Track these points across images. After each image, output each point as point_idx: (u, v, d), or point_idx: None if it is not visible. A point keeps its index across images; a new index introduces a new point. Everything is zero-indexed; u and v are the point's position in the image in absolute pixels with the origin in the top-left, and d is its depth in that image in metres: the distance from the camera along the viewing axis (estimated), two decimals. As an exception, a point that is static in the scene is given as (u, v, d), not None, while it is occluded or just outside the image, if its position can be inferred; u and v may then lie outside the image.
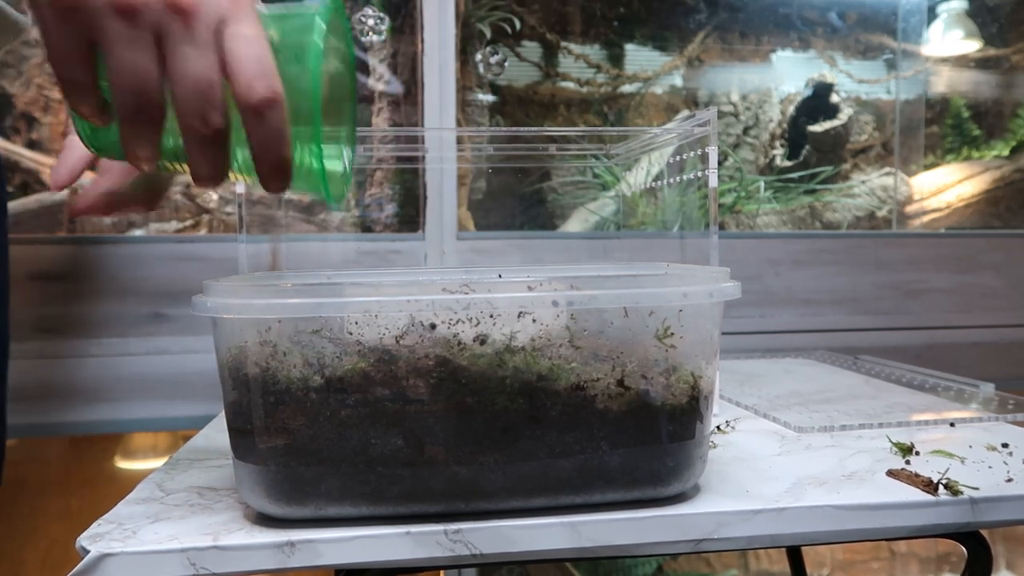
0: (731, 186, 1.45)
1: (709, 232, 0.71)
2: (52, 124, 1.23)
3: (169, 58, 0.38)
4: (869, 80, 1.56)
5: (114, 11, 0.37)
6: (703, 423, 0.49)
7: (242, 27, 0.39)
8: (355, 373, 0.44)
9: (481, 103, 1.37)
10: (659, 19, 1.49)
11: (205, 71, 0.38)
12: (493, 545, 0.45)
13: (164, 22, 0.38)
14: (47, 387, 1.01)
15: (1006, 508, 0.51)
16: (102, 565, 0.42)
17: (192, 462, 0.61)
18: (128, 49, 0.38)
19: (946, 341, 1.25)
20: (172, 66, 0.38)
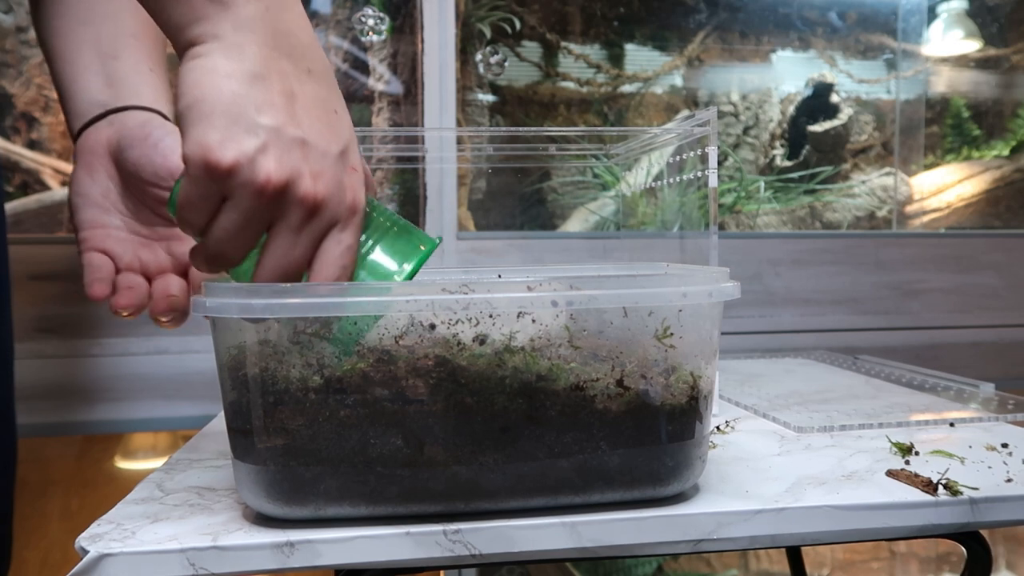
0: (731, 186, 1.45)
1: (709, 232, 0.71)
2: (52, 124, 1.23)
3: (271, 240, 0.43)
4: (869, 80, 1.56)
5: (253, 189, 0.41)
6: (703, 423, 0.49)
7: (345, 235, 0.44)
8: (354, 373, 0.44)
9: (481, 103, 1.37)
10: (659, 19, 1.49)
11: (293, 265, 0.43)
12: (493, 545, 0.45)
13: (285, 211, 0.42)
14: (47, 387, 1.01)
15: (1006, 508, 0.51)
16: (101, 565, 0.42)
17: (191, 462, 0.61)
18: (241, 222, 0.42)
19: (946, 341, 1.25)
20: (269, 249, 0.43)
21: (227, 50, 0.42)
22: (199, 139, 0.41)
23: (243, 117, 0.41)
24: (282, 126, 0.42)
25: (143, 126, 0.60)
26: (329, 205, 0.43)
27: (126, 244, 0.61)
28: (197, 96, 0.41)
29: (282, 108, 0.42)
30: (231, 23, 0.42)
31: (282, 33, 0.43)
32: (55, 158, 1.23)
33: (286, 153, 0.41)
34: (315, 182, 0.42)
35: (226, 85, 0.41)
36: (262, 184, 0.41)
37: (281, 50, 0.43)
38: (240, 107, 0.41)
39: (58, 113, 1.23)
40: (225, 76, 0.41)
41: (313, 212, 0.42)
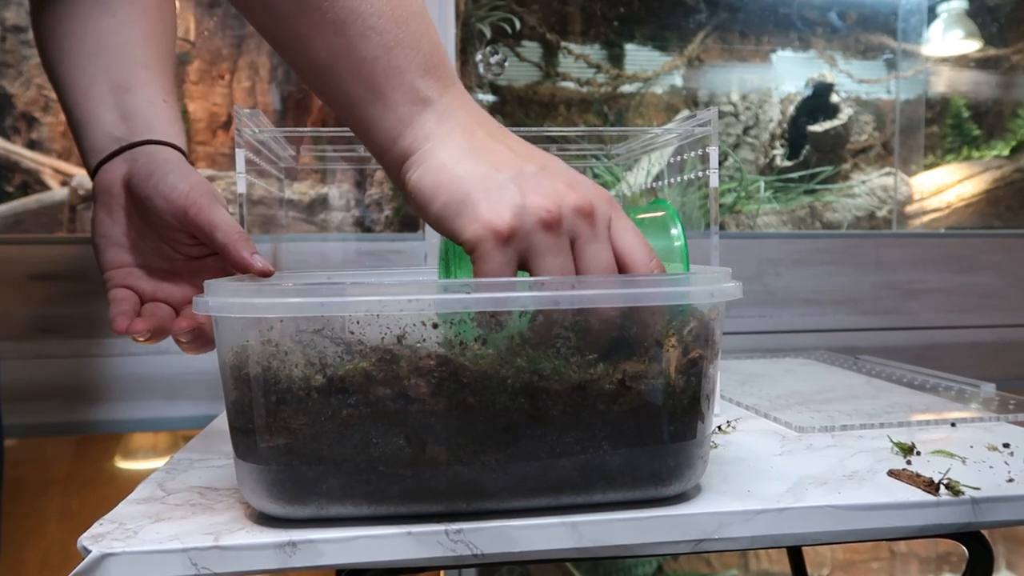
0: (731, 186, 1.45)
1: (710, 232, 0.71)
2: (52, 124, 1.23)
3: (579, 256, 0.45)
4: (869, 80, 1.56)
5: (542, 227, 0.44)
6: (704, 423, 0.49)
7: (624, 221, 0.47)
8: (356, 373, 0.44)
9: (481, 103, 1.37)
10: (659, 19, 1.49)
11: (608, 264, 0.46)
12: (494, 545, 0.45)
13: (576, 227, 0.45)
14: (47, 387, 1.01)
15: (1007, 508, 0.51)
16: (103, 565, 0.42)
17: (193, 462, 0.61)
18: (555, 256, 0.44)
19: (946, 341, 1.25)
20: (583, 263, 0.45)
21: (442, 144, 0.46)
22: (472, 223, 0.44)
23: (491, 182, 0.44)
24: (520, 169, 0.45)
25: (148, 165, 0.59)
26: (597, 204, 0.46)
27: (150, 281, 0.61)
28: (446, 195, 0.45)
29: (509, 158, 0.46)
30: (434, 119, 0.47)
31: (471, 112, 0.48)
32: (55, 158, 1.23)
33: (539, 186, 0.45)
34: (575, 192, 0.45)
35: (460, 170, 0.45)
36: (545, 218, 0.44)
37: (478, 122, 0.48)
38: (483, 177, 0.45)
39: (58, 113, 1.23)
40: (454, 164, 0.45)
41: (591, 214, 0.45)
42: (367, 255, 1.11)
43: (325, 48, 0.46)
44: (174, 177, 0.58)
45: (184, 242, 0.60)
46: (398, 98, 0.47)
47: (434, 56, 0.48)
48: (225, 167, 1.27)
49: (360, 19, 0.46)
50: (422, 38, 0.47)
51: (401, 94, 0.47)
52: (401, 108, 0.47)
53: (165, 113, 0.65)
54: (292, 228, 1.26)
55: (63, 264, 1.03)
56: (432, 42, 0.48)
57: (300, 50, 0.48)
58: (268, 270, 0.56)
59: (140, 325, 0.57)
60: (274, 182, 0.86)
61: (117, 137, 0.62)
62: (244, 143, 0.69)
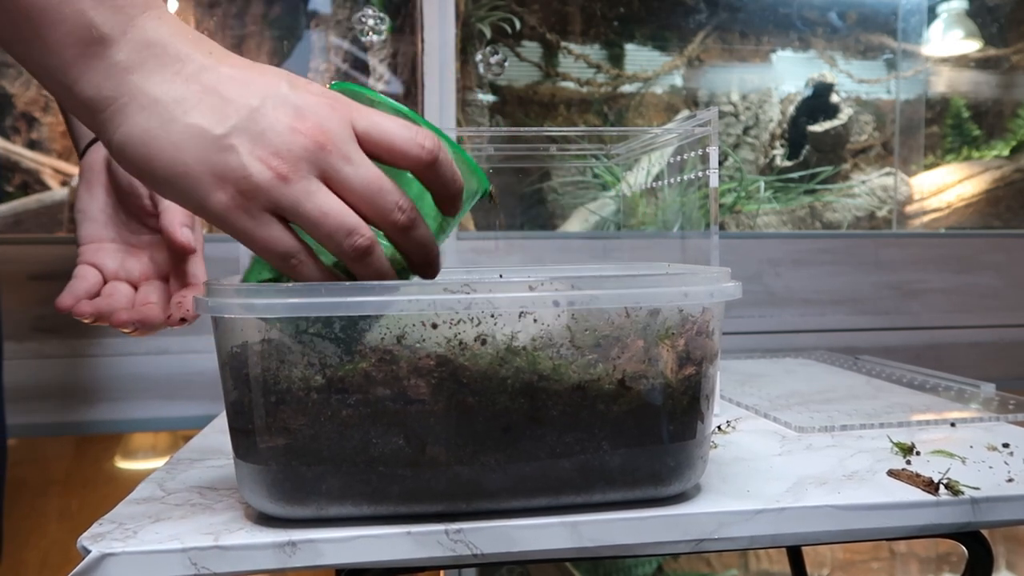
0: (731, 186, 1.46)
1: (710, 232, 0.71)
2: (52, 124, 1.23)
3: (339, 188, 0.41)
4: (869, 80, 1.56)
5: (280, 182, 0.40)
6: (704, 423, 0.49)
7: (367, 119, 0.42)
8: (356, 373, 0.44)
9: (481, 103, 1.37)
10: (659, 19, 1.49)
11: (369, 177, 0.41)
12: (494, 545, 0.45)
13: (318, 162, 0.40)
14: (47, 387, 1.01)
15: (1007, 508, 0.51)
16: (103, 565, 0.42)
17: (193, 462, 0.61)
18: (308, 201, 0.40)
19: (946, 341, 1.25)
20: (346, 191, 0.41)
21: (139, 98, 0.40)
22: (204, 199, 0.40)
23: (210, 147, 0.40)
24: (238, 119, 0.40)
25: None
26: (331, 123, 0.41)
27: (116, 255, 0.66)
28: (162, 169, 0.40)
29: (221, 104, 0.40)
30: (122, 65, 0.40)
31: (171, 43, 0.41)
32: (55, 158, 1.23)
33: (262, 136, 0.40)
34: (303, 122, 0.40)
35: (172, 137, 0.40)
36: (278, 171, 0.40)
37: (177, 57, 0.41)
38: (198, 140, 0.40)
39: (58, 113, 1.23)
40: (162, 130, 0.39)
41: (327, 143, 0.41)
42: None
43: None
44: None
45: (148, 212, 0.66)
46: (63, 36, 0.39)
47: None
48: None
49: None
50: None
51: (67, 31, 0.38)
52: (71, 49, 0.39)
53: None
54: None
55: (63, 264, 1.03)
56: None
57: None
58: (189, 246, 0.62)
59: (84, 308, 0.60)
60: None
61: None
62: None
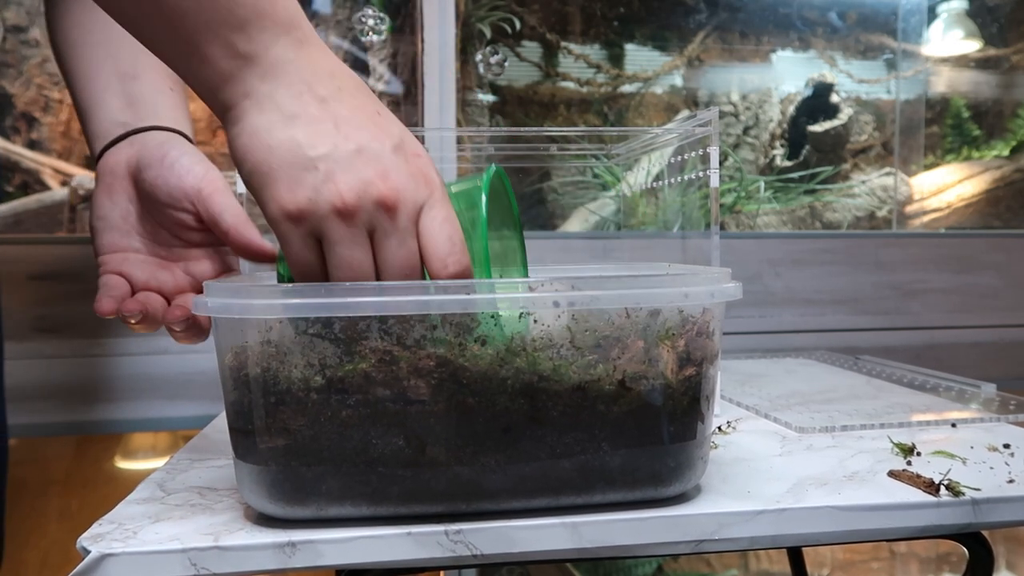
0: (731, 186, 1.45)
1: (710, 232, 0.71)
2: (52, 124, 1.23)
3: (377, 250, 0.44)
4: (869, 80, 1.56)
5: (335, 215, 0.43)
6: (704, 423, 0.49)
7: (436, 210, 0.45)
8: (356, 373, 0.44)
9: (481, 103, 1.37)
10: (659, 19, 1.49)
11: (407, 259, 0.44)
12: (494, 545, 0.45)
13: (375, 219, 0.43)
14: (47, 387, 1.01)
15: (1007, 509, 0.51)
16: (103, 565, 0.42)
17: (193, 462, 0.61)
18: (346, 247, 0.43)
19: (946, 341, 1.25)
20: (380, 257, 0.44)
21: (260, 105, 0.44)
22: (271, 202, 0.43)
23: (297, 159, 0.43)
24: (333, 148, 0.43)
25: (160, 146, 0.60)
26: (407, 194, 0.44)
27: (144, 266, 0.61)
28: (252, 162, 0.44)
29: (327, 133, 0.44)
30: (257, 76, 0.44)
31: (305, 67, 0.45)
32: (55, 158, 1.23)
33: (347, 170, 0.43)
34: (385, 181, 0.44)
35: (271, 139, 0.43)
36: (339, 207, 0.43)
37: (308, 82, 0.45)
38: (290, 152, 0.43)
39: (58, 113, 1.23)
40: (266, 131, 0.43)
41: (394, 208, 0.44)
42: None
43: (133, 5, 0.44)
44: (189, 159, 0.59)
45: (188, 225, 0.60)
46: (215, 52, 0.44)
47: (259, 5, 0.44)
48: (225, 167, 1.26)
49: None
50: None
51: (218, 48, 0.44)
52: (220, 63, 0.44)
53: (171, 100, 0.66)
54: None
55: (63, 264, 1.03)
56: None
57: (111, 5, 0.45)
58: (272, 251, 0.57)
59: (131, 305, 0.57)
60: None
61: (122, 122, 0.63)
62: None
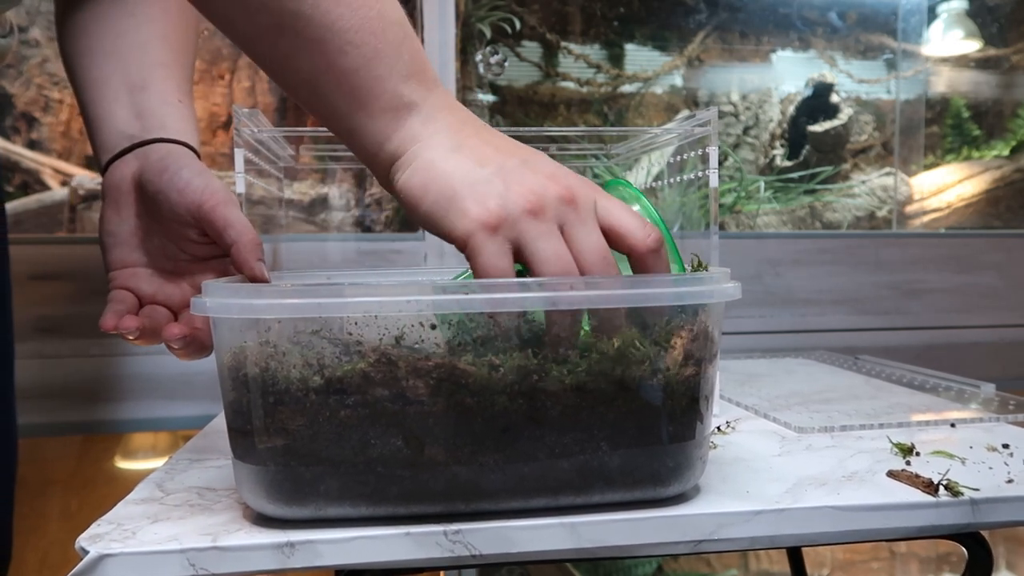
0: (731, 186, 1.45)
1: (710, 232, 0.71)
2: (52, 124, 1.23)
3: (571, 241, 0.46)
4: (869, 80, 1.56)
5: (528, 214, 0.45)
6: (703, 424, 0.49)
7: (609, 200, 0.48)
8: (355, 373, 0.44)
9: (481, 103, 1.37)
10: (659, 19, 1.49)
11: (599, 244, 0.47)
12: (493, 546, 0.45)
13: (561, 213, 0.46)
14: (47, 387, 1.01)
15: (1007, 509, 0.51)
16: (102, 565, 0.42)
17: (192, 462, 0.61)
18: (546, 240, 0.46)
19: (946, 341, 1.25)
20: (576, 247, 0.46)
21: (427, 145, 0.48)
22: (461, 218, 0.45)
23: (476, 177, 0.46)
24: (503, 163, 0.47)
25: (162, 159, 0.59)
26: (580, 190, 0.47)
27: (152, 281, 0.61)
28: (436, 190, 0.46)
29: (491, 154, 0.48)
30: (420, 122, 0.48)
31: (456, 111, 0.50)
32: (55, 158, 1.23)
33: (523, 178, 0.46)
34: (557, 182, 0.47)
35: (447, 167, 0.47)
36: (530, 205, 0.45)
37: (462, 120, 0.50)
38: (467, 172, 0.46)
39: (58, 113, 1.23)
40: (441, 162, 0.47)
41: (574, 200, 0.46)
42: (367, 255, 1.11)
43: (307, 65, 0.48)
44: (189, 172, 0.58)
45: (192, 239, 0.60)
46: (382, 105, 0.48)
47: (415, 62, 0.49)
48: (225, 167, 1.27)
49: (337, 35, 0.47)
50: (401, 46, 0.49)
51: (385, 101, 0.48)
52: (386, 115, 0.48)
53: (179, 112, 0.65)
54: (292, 228, 1.26)
55: (63, 264, 1.03)
56: (412, 49, 0.49)
57: (282, 67, 0.49)
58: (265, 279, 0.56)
59: (129, 322, 0.57)
60: (274, 182, 0.86)
61: (129, 135, 0.62)
62: (243, 143, 0.69)
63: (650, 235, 0.48)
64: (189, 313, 0.59)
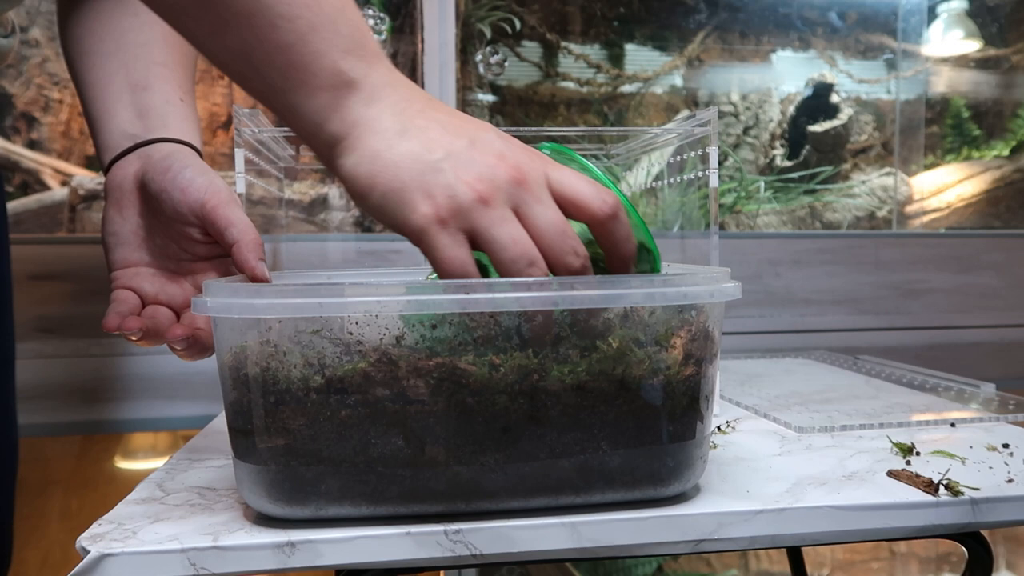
0: (731, 186, 1.45)
1: (710, 232, 0.71)
2: (52, 124, 1.23)
3: (526, 221, 0.45)
4: (869, 80, 1.56)
5: (479, 203, 0.44)
6: (703, 423, 0.49)
7: (561, 171, 0.47)
8: (355, 373, 0.44)
9: (481, 103, 1.37)
10: (659, 19, 1.49)
11: (555, 219, 0.45)
12: (493, 545, 0.45)
13: (513, 195, 0.45)
14: (47, 387, 1.01)
15: (1007, 509, 0.51)
16: (102, 565, 0.42)
17: (192, 462, 0.61)
18: (500, 226, 0.44)
19: (946, 341, 1.25)
20: (531, 226, 0.45)
21: (371, 129, 0.46)
22: (412, 214, 0.44)
23: (424, 167, 0.45)
24: (450, 147, 0.45)
25: (164, 160, 0.59)
26: (529, 165, 0.46)
27: (154, 280, 0.61)
28: (384, 184, 0.45)
29: (438, 136, 0.46)
30: (362, 102, 0.46)
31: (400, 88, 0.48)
32: (55, 158, 1.23)
33: (470, 163, 0.45)
34: (505, 161, 0.45)
35: (393, 156, 0.45)
36: (479, 196, 0.44)
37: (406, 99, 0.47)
38: (415, 162, 0.45)
39: (58, 113, 1.23)
40: (387, 151, 0.45)
41: (524, 180, 0.45)
42: (367, 255, 1.11)
43: (236, 40, 0.45)
44: (192, 171, 0.58)
45: (194, 238, 0.60)
46: (319, 83, 0.46)
47: (355, 35, 0.46)
48: (225, 167, 1.26)
49: (267, 8, 0.44)
50: (338, 19, 0.46)
51: (323, 79, 0.46)
52: (324, 93, 0.46)
53: (181, 112, 0.65)
54: (292, 228, 1.26)
55: (63, 264, 1.03)
56: (351, 21, 0.47)
57: (211, 43, 0.46)
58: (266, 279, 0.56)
59: (132, 323, 0.56)
60: (274, 182, 0.86)
61: (132, 134, 0.62)
62: (243, 143, 0.69)
63: (607, 201, 0.46)
64: (191, 313, 0.59)
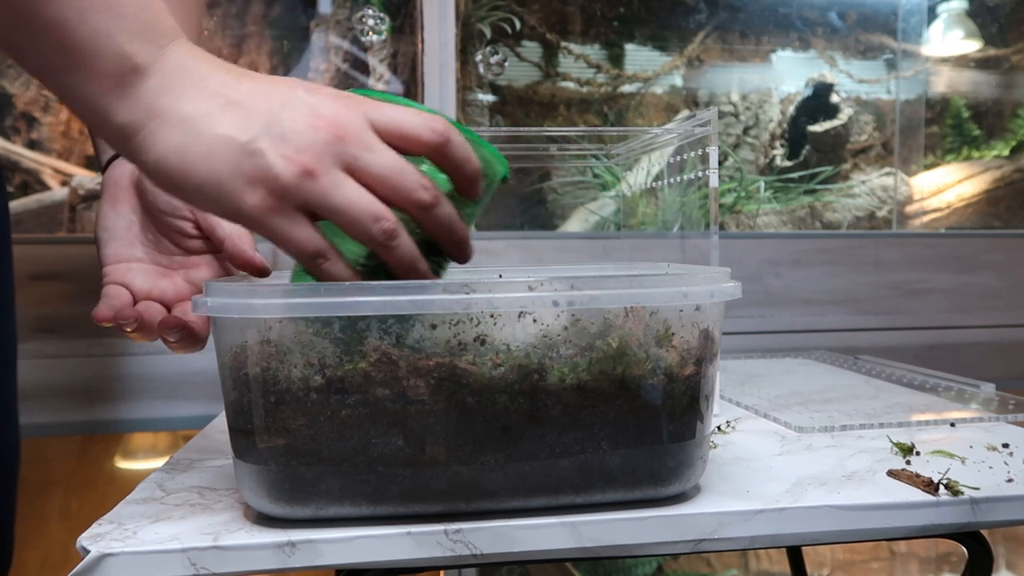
0: (731, 186, 1.46)
1: (710, 232, 0.71)
2: (52, 124, 1.23)
3: (361, 175, 0.43)
4: (869, 80, 1.56)
5: (307, 177, 0.42)
6: (704, 423, 0.49)
7: (381, 109, 0.44)
8: (356, 373, 0.44)
9: (481, 103, 1.37)
10: (659, 19, 1.49)
11: (391, 161, 0.43)
12: (494, 545, 0.45)
13: (340, 154, 0.42)
14: (47, 387, 1.01)
15: (1007, 508, 0.51)
16: (102, 565, 0.42)
17: (192, 462, 0.61)
18: (336, 192, 0.42)
19: (946, 341, 1.25)
20: (368, 177, 0.43)
21: (168, 121, 0.42)
22: (239, 207, 0.42)
23: (239, 152, 0.42)
24: (262, 120, 0.42)
25: None
26: (345, 116, 0.43)
27: (146, 275, 0.61)
28: (198, 178, 0.42)
29: (246, 112, 0.42)
30: (153, 91, 0.42)
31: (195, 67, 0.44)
32: (55, 158, 1.23)
33: (284, 137, 0.42)
34: (321, 118, 0.42)
35: (203, 148, 0.42)
36: (302, 169, 0.42)
37: (204, 78, 0.43)
38: (228, 149, 0.42)
39: (58, 113, 1.23)
40: (194, 141, 0.42)
41: (345, 135, 0.42)
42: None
43: (4, 9, 0.41)
44: None
45: (187, 233, 0.60)
46: (104, 67, 0.42)
47: (143, 14, 0.42)
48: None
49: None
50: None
51: (106, 63, 0.42)
52: (108, 80, 0.42)
53: None
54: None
55: (63, 264, 1.03)
56: (139, 1, 0.43)
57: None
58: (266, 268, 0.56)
59: (127, 313, 0.57)
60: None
61: None
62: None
63: (435, 128, 0.44)
64: (182, 307, 0.60)
